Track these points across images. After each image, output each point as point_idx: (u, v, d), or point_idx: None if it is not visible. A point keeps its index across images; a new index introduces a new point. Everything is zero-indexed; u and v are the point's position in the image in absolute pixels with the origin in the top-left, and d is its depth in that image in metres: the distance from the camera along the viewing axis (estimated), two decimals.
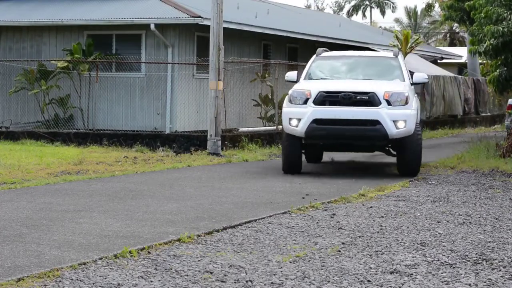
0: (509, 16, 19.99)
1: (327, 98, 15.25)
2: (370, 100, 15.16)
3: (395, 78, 16.44)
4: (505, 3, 20.21)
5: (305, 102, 15.28)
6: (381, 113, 15.09)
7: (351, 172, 16.67)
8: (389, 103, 15.18)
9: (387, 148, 16.49)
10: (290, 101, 15.53)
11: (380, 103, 15.14)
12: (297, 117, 15.27)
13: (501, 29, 19.69)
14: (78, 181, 13.73)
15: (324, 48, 17.73)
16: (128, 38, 22.97)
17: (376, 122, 15.10)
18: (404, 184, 14.64)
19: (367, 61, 17.55)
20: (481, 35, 20.63)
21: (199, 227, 9.59)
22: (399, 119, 15.16)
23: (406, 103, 15.36)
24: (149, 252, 8.17)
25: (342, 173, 16.40)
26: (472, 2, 21.94)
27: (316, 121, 15.17)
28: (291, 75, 16.68)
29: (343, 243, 8.92)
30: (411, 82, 16.46)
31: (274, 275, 7.40)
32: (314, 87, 15.45)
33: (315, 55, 17.25)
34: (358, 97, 15.16)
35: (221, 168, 16.64)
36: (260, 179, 14.69)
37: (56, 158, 17.78)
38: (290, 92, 15.68)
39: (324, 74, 16.77)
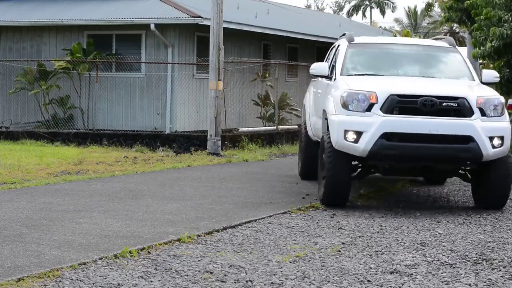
0: (510, 18, 20.03)
1: (400, 104, 11.21)
2: (460, 108, 11.23)
3: (462, 76, 12.68)
4: (505, 4, 20.24)
5: (368, 108, 11.23)
6: (475, 126, 11.19)
7: None
8: (482, 112, 11.33)
9: (465, 172, 12.29)
10: (344, 105, 11.40)
11: (473, 113, 11.26)
12: (357, 130, 11.18)
13: (505, 31, 19.73)
14: (78, 181, 13.73)
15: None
16: (128, 38, 22.97)
17: (468, 139, 11.17)
18: (404, 184, 14.64)
19: (420, 52, 13.40)
20: (482, 38, 20.68)
21: (199, 227, 9.59)
22: (495, 135, 11.29)
23: (502, 113, 11.50)
24: (149, 252, 8.17)
25: None
26: (471, 0, 21.96)
27: (386, 135, 11.11)
28: (321, 68, 12.83)
29: (343, 243, 8.92)
30: (482, 81, 12.58)
31: (274, 275, 7.40)
32: (381, 88, 11.36)
33: (345, 41, 13.24)
34: (444, 104, 11.18)
35: (221, 168, 16.64)
36: (260, 179, 14.69)
37: (56, 158, 17.78)
38: (342, 94, 11.48)
39: (367, 68, 12.88)
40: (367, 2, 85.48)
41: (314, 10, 70.97)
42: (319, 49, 29.17)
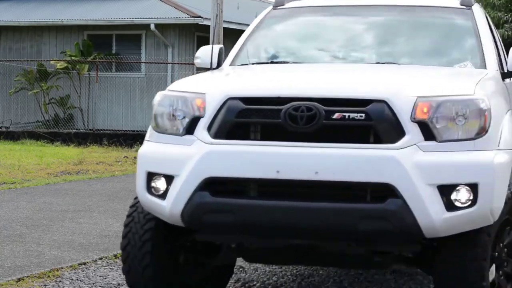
0: (510, 18, 20.15)
1: (246, 119, 5.18)
2: (371, 123, 4.98)
3: (464, 61, 6.43)
4: (505, 5, 20.31)
5: (190, 129, 5.36)
6: (401, 163, 4.92)
7: None
8: (429, 132, 5.02)
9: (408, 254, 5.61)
10: (155, 123, 5.60)
11: (402, 133, 4.99)
12: (166, 172, 5.42)
13: (506, 32, 19.85)
14: (78, 181, 13.73)
15: None
16: (128, 38, 22.99)
17: (385, 192, 4.95)
18: None
19: (399, 21, 6.98)
20: None
21: None
22: (458, 182, 4.99)
23: (483, 131, 5.08)
24: None
25: None
26: None
27: (211, 183, 5.18)
28: (204, 53, 6.60)
29: None
30: (505, 71, 6.45)
31: (274, 275, 7.40)
32: (214, 87, 5.43)
33: (270, 8, 7.24)
34: (335, 116, 5.01)
35: None
36: None
37: (56, 158, 17.77)
38: (154, 100, 5.71)
39: (289, 51, 6.88)
40: None
41: None
42: None
